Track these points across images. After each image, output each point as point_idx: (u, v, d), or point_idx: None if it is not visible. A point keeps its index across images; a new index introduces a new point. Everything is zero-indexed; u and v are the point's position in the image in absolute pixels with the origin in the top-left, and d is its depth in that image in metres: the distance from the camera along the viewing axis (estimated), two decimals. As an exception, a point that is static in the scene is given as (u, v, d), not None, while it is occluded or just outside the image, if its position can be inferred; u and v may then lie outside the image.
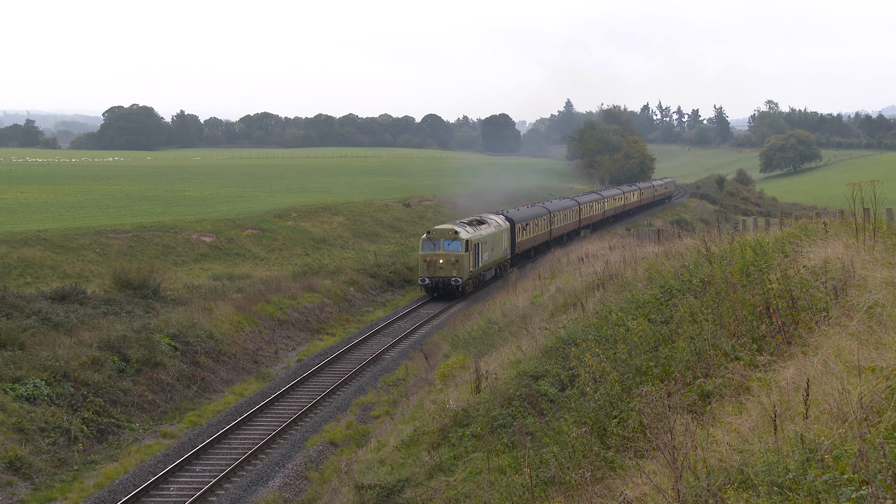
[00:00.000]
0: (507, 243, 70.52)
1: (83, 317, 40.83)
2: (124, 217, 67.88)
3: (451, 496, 18.68)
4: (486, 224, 66.10)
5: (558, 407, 19.38)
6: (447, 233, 59.55)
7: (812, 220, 25.89)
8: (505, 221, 70.75)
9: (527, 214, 78.81)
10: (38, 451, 30.30)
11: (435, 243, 59.19)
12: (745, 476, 9.48)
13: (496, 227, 67.08)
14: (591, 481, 11.90)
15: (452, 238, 58.95)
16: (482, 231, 63.45)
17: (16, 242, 51.92)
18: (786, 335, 14.06)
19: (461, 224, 62.50)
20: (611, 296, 29.45)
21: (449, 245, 58.78)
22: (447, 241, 59.01)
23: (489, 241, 64.38)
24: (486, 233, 63.92)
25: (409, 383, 37.51)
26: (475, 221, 65.53)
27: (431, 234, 60.04)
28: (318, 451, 31.13)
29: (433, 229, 61.07)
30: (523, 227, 75.12)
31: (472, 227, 62.65)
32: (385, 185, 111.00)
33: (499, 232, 67.39)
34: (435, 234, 59.99)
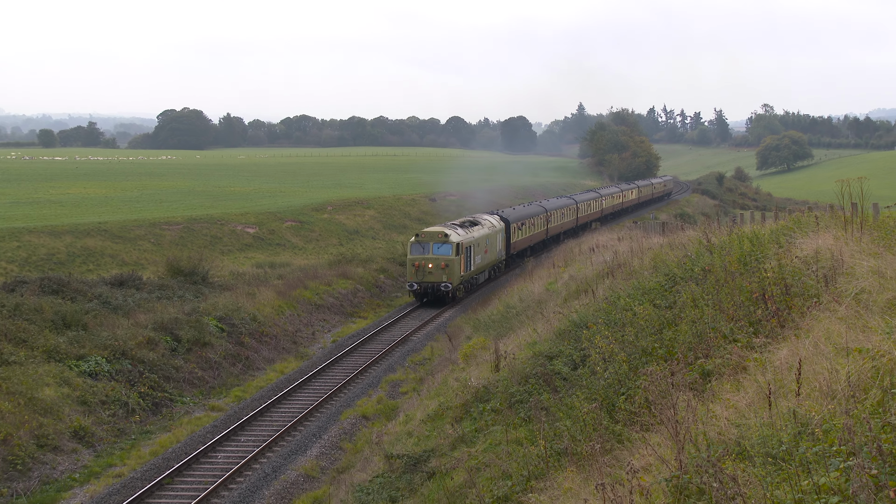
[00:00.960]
0: (501, 244, 63.46)
1: (139, 301, 41.06)
2: (176, 210, 68.15)
3: (473, 465, 18.72)
4: (480, 225, 58.76)
5: (571, 384, 19.38)
6: (436, 236, 52.08)
7: (804, 213, 25.73)
8: (499, 222, 63.71)
9: (523, 214, 71.34)
10: (99, 422, 30.55)
11: (424, 247, 51.87)
12: (741, 448, 9.47)
13: (490, 228, 59.96)
14: (600, 452, 11.90)
15: (442, 241, 51.60)
16: (474, 233, 56.08)
17: (79, 233, 52.23)
18: (780, 319, 14.01)
19: (452, 226, 54.84)
20: (619, 283, 29.39)
21: (438, 249, 51.49)
22: (437, 244, 51.61)
23: (482, 242, 57.05)
24: (478, 234, 56.61)
25: (434, 362, 37.58)
26: (467, 223, 58.27)
27: (420, 237, 52.50)
28: (352, 423, 31.24)
29: (422, 232, 53.37)
30: (519, 227, 67.89)
31: (463, 228, 55.30)
32: (412, 182, 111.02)
33: (493, 233, 60.23)
34: (424, 236, 52.43)
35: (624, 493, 9.10)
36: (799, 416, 9.32)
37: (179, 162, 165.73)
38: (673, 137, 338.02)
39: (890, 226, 17.00)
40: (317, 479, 26.58)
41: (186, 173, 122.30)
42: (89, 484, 26.38)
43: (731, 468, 8.57)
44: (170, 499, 24.93)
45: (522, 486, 14.64)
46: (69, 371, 32.31)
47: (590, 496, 10.24)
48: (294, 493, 25.38)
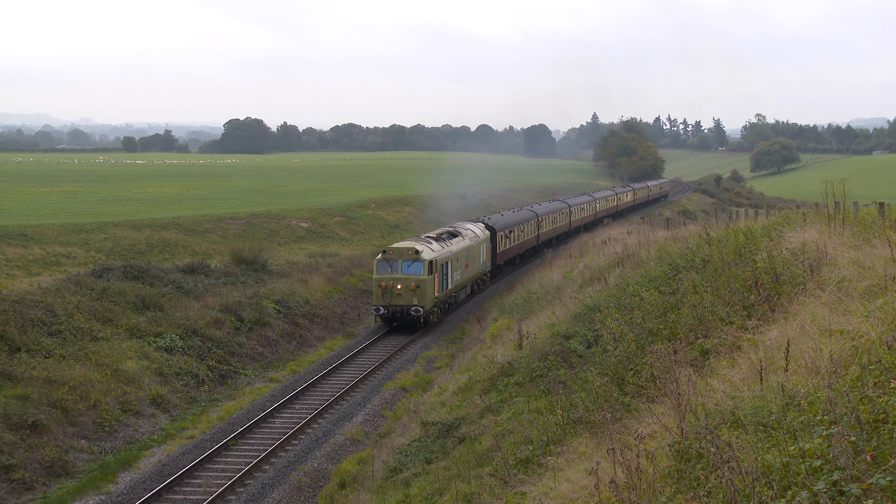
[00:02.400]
0: (486, 255, 52.37)
1: (208, 286, 41.36)
2: (239, 207, 68.53)
3: (498, 431, 18.75)
4: (460, 236, 47.62)
5: (585, 361, 19.37)
6: (406, 252, 40.64)
7: (793, 211, 25.54)
8: (484, 230, 52.58)
9: (511, 220, 60.22)
10: (174, 391, 30.86)
11: (392, 265, 40.56)
12: (736, 417, 9.46)
13: (472, 239, 48.84)
14: (611, 421, 11.91)
15: (413, 259, 40.46)
16: (453, 246, 45.07)
17: (157, 227, 52.66)
18: (770, 304, 13.95)
19: (426, 240, 43.61)
20: (628, 272, 29.30)
21: (408, 267, 40.35)
22: (406, 262, 40.49)
23: (462, 256, 46.18)
24: (457, 247, 45.58)
25: (464, 341, 37.64)
26: (446, 234, 46.92)
27: (388, 255, 40.81)
28: (392, 394, 31.33)
29: (390, 248, 41.58)
30: (506, 235, 57.15)
31: (440, 242, 44.06)
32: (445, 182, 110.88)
33: (475, 244, 49.29)
34: (392, 253, 40.79)
35: (632, 456, 9.11)
36: (787, 389, 9.29)
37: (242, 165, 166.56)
38: (676, 143, 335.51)
39: (868, 222, 16.86)
40: (361, 442, 26.71)
41: (248, 174, 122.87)
42: (166, 444, 26.68)
43: (726, 435, 8.57)
44: (235, 458, 25.16)
45: (542, 450, 14.68)
46: (148, 346, 32.67)
47: (602, 459, 10.26)
48: (342, 455, 25.53)
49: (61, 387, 27.06)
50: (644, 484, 8.80)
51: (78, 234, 46.49)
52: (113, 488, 23.10)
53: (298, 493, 22.79)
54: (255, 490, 22.72)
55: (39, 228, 45.47)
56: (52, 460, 24.08)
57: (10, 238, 42.25)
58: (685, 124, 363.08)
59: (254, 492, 22.61)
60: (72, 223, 49.00)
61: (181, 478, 23.29)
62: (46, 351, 29.30)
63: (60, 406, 26.33)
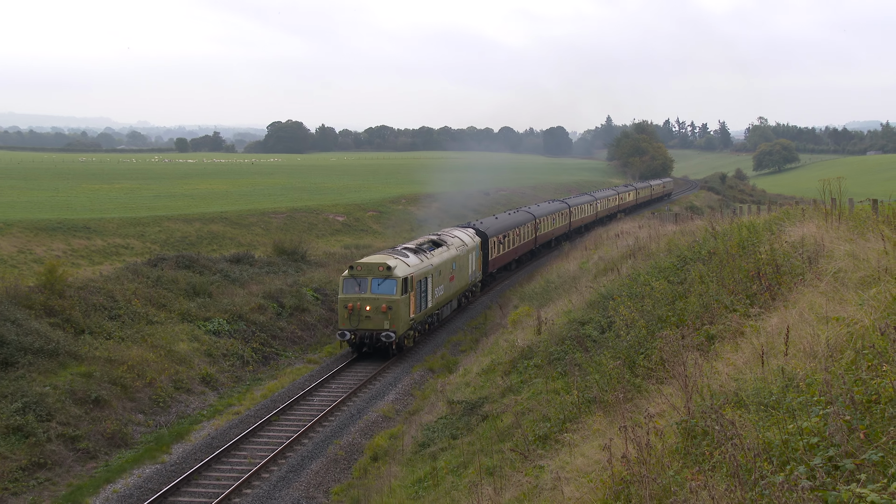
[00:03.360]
0: (475, 264, 44.71)
1: (252, 274, 41.60)
2: (281, 202, 68.84)
3: (519, 410, 18.78)
4: (444, 246, 39.77)
5: (599, 345, 19.34)
6: (376, 268, 32.71)
7: (792, 207, 25.33)
8: (474, 237, 45.22)
9: (505, 224, 52.44)
10: (221, 371, 31.11)
11: (360, 283, 32.81)
12: (739, 398, 9.43)
13: (459, 248, 41.32)
14: (623, 401, 11.88)
15: (384, 276, 32.59)
16: (434, 258, 37.19)
17: (206, 220, 53.01)
18: (772, 293, 13.86)
19: (402, 252, 35.28)
20: (639, 263, 29.18)
21: (379, 286, 32.54)
22: (377, 280, 32.63)
23: (446, 268, 38.47)
24: (440, 259, 37.78)
25: (487, 326, 37.62)
26: (428, 244, 38.96)
27: (355, 271, 32.98)
28: (421, 375, 31.41)
29: (357, 263, 33.43)
30: (499, 241, 49.65)
31: (419, 254, 36.17)
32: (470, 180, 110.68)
33: (463, 253, 41.76)
34: (360, 269, 32.94)
35: (642, 433, 9.11)
36: (786, 372, 9.25)
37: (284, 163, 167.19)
38: (684, 144, 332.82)
39: (863, 217, 16.69)
40: (392, 419, 26.81)
41: (289, 172, 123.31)
42: (214, 419, 26.91)
43: (730, 414, 8.55)
44: (277, 432, 25.34)
45: (559, 427, 14.69)
46: (198, 330, 32.95)
47: (614, 436, 10.25)
48: (374, 430, 25.64)
49: (121, 366, 27.39)
50: (653, 459, 8.80)
51: (135, 227, 46.91)
52: (167, 458, 23.37)
53: (334, 464, 22.94)
54: (295, 462, 22.89)
55: (101, 222, 45.93)
56: (113, 432, 24.38)
57: (76, 230, 42.72)
58: (693, 126, 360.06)
59: (294, 463, 22.78)
60: (130, 217, 49.44)
61: (228, 450, 23.51)
62: (107, 333, 29.65)
63: (120, 383, 26.66)
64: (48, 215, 46.31)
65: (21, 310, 28.06)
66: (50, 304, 29.43)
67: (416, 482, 18.25)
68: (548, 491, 11.07)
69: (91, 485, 21.45)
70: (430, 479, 17.87)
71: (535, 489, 11.73)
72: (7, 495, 20.42)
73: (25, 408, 23.22)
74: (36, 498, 20.61)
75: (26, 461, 21.62)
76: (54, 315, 29.16)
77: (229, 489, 20.62)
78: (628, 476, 8.76)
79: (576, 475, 10.55)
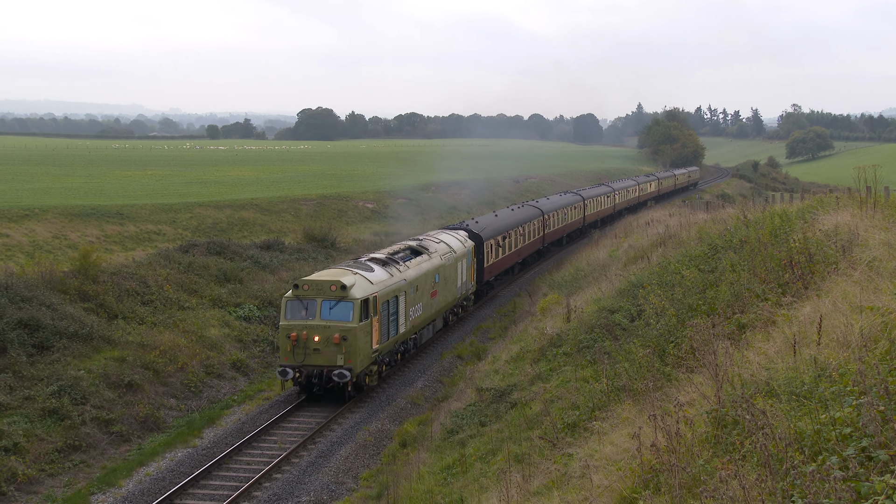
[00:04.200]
0: (467, 273, 37.47)
1: (282, 261, 41.85)
2: (311, 189, 69.12)
3: (547, 398, 18.78)
4: (425, 254, 32.42)
5: (629, 334, 19.27)
6: (327, 288, 25.50)
7: (826, 195, 25.00)
8: (466, 241, 37.80)
9: (506, 223, 45.45)
10: (252, 356, 31.40)
11: (307, 306, 25.59)
12: (770, 387, 9.36)
13: (444, 256, 34.00)
14: (652, 389, 11.85)
15: (337, 297, 25.39)
16: (410, 271, 29.94)
17: (237, 207, 53.39)
18: (804, 282, 13.72)
19: (364, 266, 28.03)
20: (670, 251, 28.99)
21: (331, 310, 25.43)
22: (328, 302, 25.49)
23: (425, 282, 31.15)
24: (418, 272, 30.52)
25: (516, 314, 37.59)
26: (403, 253, 31.70)
27: (301, 290, 25.75)
28: (450, 362, 31.46)
29: (304, 281, 26.07)
30: (497, 244, 42.56)
31: (388, 266, 28.88)
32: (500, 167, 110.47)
33: (450, 262, 34.46)
34: (307, 289, 25.68)
35: (672, 422, 9.08)
36: (819, 361, 9.17)
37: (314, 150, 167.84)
38: (716, 131, 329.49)
39: (899, 206, 16.48)
40: (421, 405, 26.91)
41: (319, 159, 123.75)
42: (245, 404, 27.18)
43: (761, 404, 8.49)
44: (306, 418, 25.52)
45: (588, 415, 14.67)
46: (229, 315, 33.25)
47: (643, 424, 10.22)
48: (403, 417, 25.75)
49: (153, 350, 27.73)
50: (683, 448, 8.77)
51: (167, 214, 47.35)
52: (198, 442, 23.65)
53: (363, 450, 23.08)
54: (325, 447, 23.06)
55: (134, 208, 46.42)
56: (146, 416, 24.72)
57: (109, 216, 43.21)
58: (724, 114, 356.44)
59: (323, 449, 22.95)
60: (162, 203, 49.91)
61: (259, 434, 23.73)
62: (140, 318, 30.01)
63: (152, 368, 27.00)
64: (82, 201, 46.87)
65: (56, 295, 28.48)
66: (84, 289, 29.85)
67: (445, 469, 18.33)
68: (576, 479, 11.08)
69: (124, 467, 21.78)
70: (458, 466, 17.94)
71: (564, 477, 11.74)
72: (44, 476, 20.80)
73: (61, 391, 23.62)
74: (71, 479, 20.98)
75: (62, 443, 22.00)
76: (88, 300, 29.56)
77: (259, 473, 20.84)
78: (657, 465, 8.74)
79: (605, 463, 10.54)
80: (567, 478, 11.59)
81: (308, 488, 20.36)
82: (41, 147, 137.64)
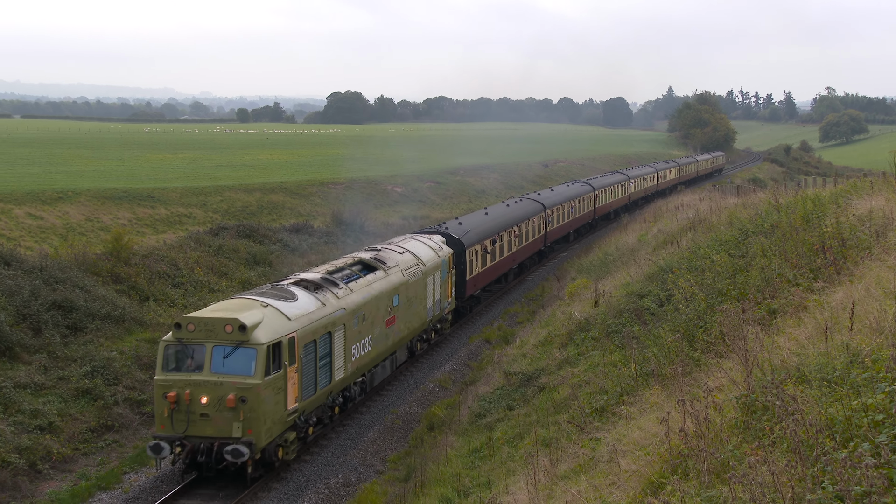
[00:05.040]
0: (441, 290, 30.16)
1: (311, 244, 42.08)
2: (340, 173, 69.26)
3: (575, 382, 18.76)
4: (380, 270, 25.38)
5: (657, 319, 19.18)
6: (221, 329, 18.02)
7: (860, 179, 24.67)
8: (441, 249, 30.78)
9: (498, 222, 38.29)
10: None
11: (192, 354, 18.14)
12: (801, 373, 9.28)
13: (409, 271, 27.01)
14: (681, 374, 11.79)
15: (235, 342, 17.91)
16: (354, 295, 22.80)
17: (266, 190, 53.67)
18: (837, 267, 13.56)
19: (284, 291, 20.65)
20: (700, 235, 28.77)
21: (225, 360, 17.93)
22: (221, 348, 17.96)
23: (377, 308, 23.99)
24: (366, 295, 23.41)
25: (544, 298, 37.53)
26: (352, 269, 24.64)
27: (184, 331, 18.18)
28: (477, 346, 31.49)
29: (189, 319, 18.34)
30: (486, 249, 35.42)
31: (321, 292, 21.56)
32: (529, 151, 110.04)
33: (415, 278, 27.26)
34: (193, 329, 18.14)
35: (700, 407, 9.03)
36: (851, 347, 9.07)
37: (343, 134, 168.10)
38: (748, 115, 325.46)
39: (936, 190, 16.21)
40: (449, 389, 26.99)
41: (348, 143, 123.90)
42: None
43: (791, 389, 8.42)
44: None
45: (616, 400, 14.64)
46: (258, 298, 33.45)
47: (672, 409, 10.18)
48: (431, 400, 25.84)
49: (183, 332, 27.96)
50: (712, 433, 8.73)
51: (197, 197, 47.71)
52: (228, 423, 23.80)
53: (391, 433, 23.20)
54: (354, 431, 23.20)
55: (165, 191, 46.82)
56: (176, 397, 24.95)
57: (140, 199, 43.63)
58: (757, 97, 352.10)
59: (352, 432, 23.09)
60: (192, 186, 50.28)
61: (288, 416, 23.69)
62: (171, 300, 30.32)
63: (183, 350, 27.23)
64: (114, 184, 47.35)
65: (89, 276, 28.85)
66: (116, 271, 30.20)
67: (472, 452, 18.39)
68: (604, 463, 11.06)
69: (156, 447, 22.02)
70: (485, 450, 17.99)
71: (592, 461, 11.73)
72: (78, 455, 21.14)
73: (94, 371, 23.96)
74: (104, 458, 21.30)
75: (95, 423, 22.34)
76: (120, 282, 29.91)
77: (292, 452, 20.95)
78: (686, 450, 8.70)
79: (632, 448, 10.51)
80: (595, 462, 11.58)
81: (336, 470, 20.52)
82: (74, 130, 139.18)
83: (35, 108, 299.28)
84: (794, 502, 6.28)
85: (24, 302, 25.36)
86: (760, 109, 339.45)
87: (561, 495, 10.71)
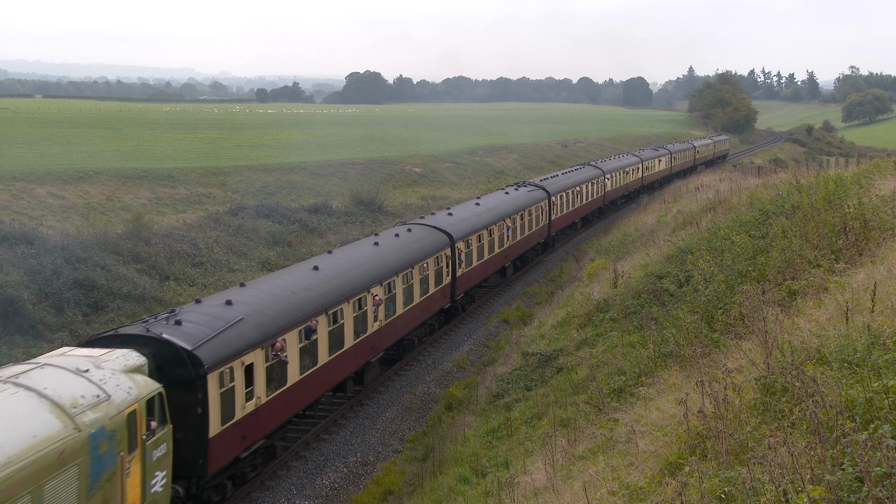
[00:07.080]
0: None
1: (330, 224, 42.17)
2: (358, 153, 69.28)
3: (593, 363, 18.73)
4: None
5: (676, 300, 19.09)
6: None
7: (883, 159, 24.38)
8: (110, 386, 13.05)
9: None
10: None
11: None
12: (821, 354, 9.22)
13: None
14: (700, 355, 11.75)
15: None
16: None
17: (285, 170, 53.78)
18: (858, 248, 13.44)
19: None
20: (719, 216, 28.57)
21: None
22: None
23: None
24: None
25: (563, 279, 37.44)
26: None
27: None
28: (496, 327, 31.49)
29: None
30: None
31: None
32: (548, 131, 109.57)
33: None
34: None
35: (719, 388, 9.00)
36: (872, 329, 8.99)
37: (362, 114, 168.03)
38: (769, 95, 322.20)
39: (962, 171, 16.00)
40: (467, 369, 27.02)
41: (367, 123, 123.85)
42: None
43: (811, 371, 8.37)
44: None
45: (634, 381, 14.61)
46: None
47: (690, 390, 10.16)
48: (449, 380, 25.89)
49: (203, 312, 28.14)
50: (730, 414, 8.70)
51: (217, 177, 47.87)
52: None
53: (409, 413, 23.29)
54: (372, 411, 23.31)
55: (184, 171, 47.01)
56: (196, 376, 25.15)
57: (160, 179, 43.84)
58: (779, 76, 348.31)
59: (371, 412, 23.20)
60: (212, 166, 50.45)
61: (307, 395, 23.81)
62: (191, 280, 30.50)
63: (203, 328, 27.42)
64: (134, 164, 47.58)
65: (110, 255, 29.06)
66: (137, 250, 30.40)
67: (490, 432, 18.43)
68: (622, 444, 11.07)
69: (176, 425, 22.20)
70: (503, 430, 18.03)
71: (610, 442, 11.73)
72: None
73: (115, 350, 24.16)
74: (125, 436, 21.50)
75: (116, 401, 22.53)
76: (141, 261, 30.11)
77: (308, 434, 21.14)
78: (704, 431, 8.68)
79: (651, 429, 10.50)
80: (612, 443, 11.58)
81: (354, 450, 20.64)
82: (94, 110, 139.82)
83: (56, 87, 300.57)
84: (813, 483, 6.25)
85: (46, 281, 25.60)
86: (782, 89, 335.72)
87: (578, 475, 10.73)
